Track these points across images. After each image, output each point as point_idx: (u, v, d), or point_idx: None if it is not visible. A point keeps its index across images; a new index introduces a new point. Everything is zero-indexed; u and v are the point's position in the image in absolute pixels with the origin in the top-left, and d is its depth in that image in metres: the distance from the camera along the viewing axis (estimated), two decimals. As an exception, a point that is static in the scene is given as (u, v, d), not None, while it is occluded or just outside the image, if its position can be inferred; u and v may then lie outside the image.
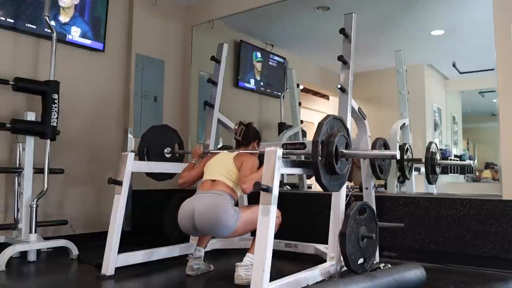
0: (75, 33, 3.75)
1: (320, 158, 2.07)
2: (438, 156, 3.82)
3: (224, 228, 2.37)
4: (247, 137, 2.77)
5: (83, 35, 3.82)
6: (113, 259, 2.60)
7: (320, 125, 2.12)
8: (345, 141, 2.25)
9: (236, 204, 2.54)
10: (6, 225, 3.14)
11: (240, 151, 2.67)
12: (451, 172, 4.52)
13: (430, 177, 3.72)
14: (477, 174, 4.68)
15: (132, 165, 2.74)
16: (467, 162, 4.68)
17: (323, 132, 2.11)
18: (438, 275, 2.65)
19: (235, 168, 2.55)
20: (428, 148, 3.70)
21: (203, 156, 2.92)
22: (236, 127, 2.82)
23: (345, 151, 2.21)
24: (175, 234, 3.36)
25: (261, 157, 2.55)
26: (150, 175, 3.17)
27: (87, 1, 3.85)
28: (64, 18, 3.69)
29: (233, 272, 2.34)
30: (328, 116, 2.21)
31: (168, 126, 3.42)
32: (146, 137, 3.18)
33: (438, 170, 3.84)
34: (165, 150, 3.24)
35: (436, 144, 3.90)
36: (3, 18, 3.29)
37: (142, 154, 3.13)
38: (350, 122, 2.59)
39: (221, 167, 2.59)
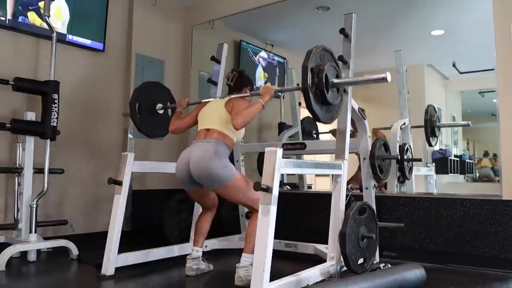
0: (75, 33, 3.76)
1: (310, 85, 2.04)
2: (437, 119, 3.87)
3: (216, 177, 2.39)
4: (239, 82, 2.75)
5: (83, 35, 3.82)
6: (113, 259, 2.60)
7: (309, 52, 2.10)
8: (335, 72, 2.24)
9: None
10: (6, 225, 3.14)
11: (231, 96, 2.67)
12: (451, 172, 4.52)
13: (430, 139, 3.76)
14: (476, 163, 4.70)
15: (132, 165, 2.74)
16: (466, 122, 4.70)
17: (313, 60, 2.09)
18: (438, 275, 2.65)
19: (226, 113, 2.55)
20: (426, 111, 3.74)
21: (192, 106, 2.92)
22: (228, 74, 2.81)
23: (335, 80, 2.21)
24: (175, 234, 3.36)
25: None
26: (143, 131, 3.12)
27: (87, 1, 3.85)
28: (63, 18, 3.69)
29: (233, 272, 2.34)
30: (317, 46, 2.20)
31: (160, 83, 3.36)
32: (138, 92, 3.11)
33: (437, 132, 3.88)
34: (157, 106, 3.18)
35: (434, 107, 3.94)
36: (3, 18, 3.29)
37: (134, 109, 3.05)
38: (349, 122, 2.59)
39: (214, 115, 2.61)
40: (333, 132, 4.59)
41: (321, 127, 5.07)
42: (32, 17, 3.46)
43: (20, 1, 3.37)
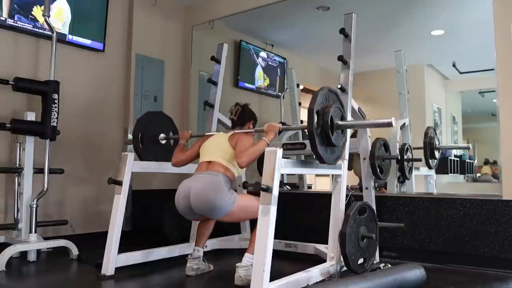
0: (75, 33, 3.76)
1: (316, 127, 2.06)
2: (436, 141, 3.84)
3: (218, 209, 2.37)
4: (243, 117, 2.75)
5: (83, 35, 3.82)
6: (113, 259, 2.60)
7: (315, 95, 2.11)
8: (340, 114, 2.25)
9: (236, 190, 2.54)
10: (6, 225, 3.14)
11: (235, 131, 2.66)
12: (451, 172, 4.52)
13: (430, 162, 3.73)
14: (477, 169, 4.69)
15: (132, 165, 2.74)
16: (466, 145, 4.68)
17: (319, 102, 2.10)
18: (438, 275, 2.65)
19: (230, 147, 2.54)
20: (426, 133, 3.72)
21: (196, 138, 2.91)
22: (232, 108, 2.80)
23: (340, 122, 2.22)
24: (175, 234, 3.36)
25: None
26: (145, 159, 3.11)
27: (87, 1, 3.85)
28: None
29: (233, 272, 2.34)
30: (323, 87, 2.21)
31: (163, 113, 3.38)
32: (141, 122, 3.13)
33: (437, 154, 3.85)
34: (160, 136, 3.19)
35: (434, 129, 3.91)
36: (3, 18, 3.29)
37: (136, 139, 3.07)
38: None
39: (217, 148, 2.59)
40: None
41: None
42: (31, 16, 3.45)
43: (16, 0, 3.37)
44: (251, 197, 2.49)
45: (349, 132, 2.56)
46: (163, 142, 3.21)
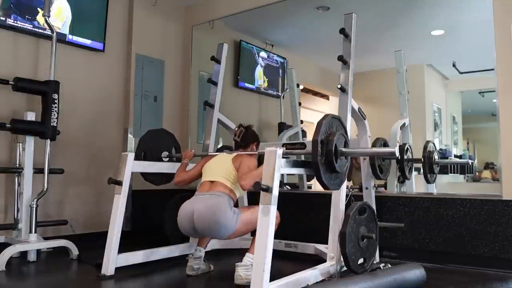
0: (75, 33, 3.76)
1: (320, 157, 2.08)
2: (436, 155, 3.82)
3: (223, 230, 2.38)
4: (246, 139, 2.79)
5: (83, 35, 3.82)
6: (113, 259, 2.60)
7: (319, 124, 2.14)
8: (344, 140, 2.27)
9: (236, 205, 2.55)
10: (6, 225, 3.14)
11: (239, 153, 2.68)
12: (451, 172, 4.51)
13: (429, 177, 3.71)
14: (477, 174, 4.67)
15: (132, 165, 2.74)
16: (465, 160, 4.67)
17: (323, 132, 2.13)
18: (438, 275, 2.65)
19: (233, 169, 2.55)
20: (425, 147, 3.70)
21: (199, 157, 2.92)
22: (235, 129, 2.84)
23: (344, 149, 2.24)
24: (175, 234, 3.35)
25: (260, 157, 2.57)
26: (148, 179, 3.16)
27: (87, 1, 3.85)
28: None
29: (233, 272, 2.34)
30: (326, 115, 2.23)
31: (165, 130, 3.41)
32: (143, 141, 3.17)
33: (436, 169, 3.83)
34: (163, 154, 3.23)
35: (433, 143, 3.89)
36: (3, 18, 3.29)
37: (139, 158, 3.09)
38: (350, 122, 2.59)
39: (220, 168, 2.60)
40: None
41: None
42: (27, 16, 3.45)
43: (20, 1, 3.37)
44: (252, 209, 2.47)
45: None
46: (166, 160, 3.24)
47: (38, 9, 3.47)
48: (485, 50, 3.09)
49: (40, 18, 3.45)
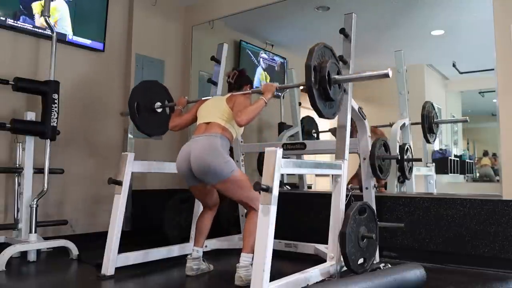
0: (75, 33, 3.76)
1: (314, 82, 2.10)
2: (435, 115, 3.86)
3: (213, 172, 2.40)
4: (240, 80, 2.77)
5: (83, 35, 3.82)
6: (113, 259, 2.60)
7: (311, 50, 2.16)
8: (337, 68, 2.29)
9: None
10: (6, 225, 3.14)
11: (233, 93, 2.68)
12: (451, 172, 4.51)
13: (428, 137, 3.75)
14: (476, 161, 4.70)
15: (132, 165, 2.74)
16: (464, 118, 4.70)
17: (315, 58, 2.14)
18: (438, 275, 2.65)
19: (228, 108, 2.57)
20: (424, 107, 3.73)
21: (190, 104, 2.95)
22: (229, 72, 2.83)
23: (337, 77, 2.27)
24: (175, 234, 3.36)
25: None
26: (143, 131, 3.14)
27: (87, 1, 3.85)
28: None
29: (233, 272, 2.34)
30: (318, 43, 2.24)
31: (158, 82, 3.37)
32: (136, 92, 3.12)
33: (435, 129, 3.87)
34: (156, 105, 3.19)
35: (432, 104, 3.93)
36: (3, 18, 3.29)
37: (133, 109, 3.06)
38: (349, 122, 2.59)
39: (214, 109, 2.62)
40: (332, 131, 4.59)
41: (321, 126, 5.08)
42: (32, 17, 3.45)
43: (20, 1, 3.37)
44: (246, 177, 2.55)
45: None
46: (159, 110, 3.20)
47: (32, 5, 3.46)
48: (485, 50, 3.09)
49: (37, 9, 3.43)
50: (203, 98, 2.88)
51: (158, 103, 3.19)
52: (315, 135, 5.00)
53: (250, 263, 2.33)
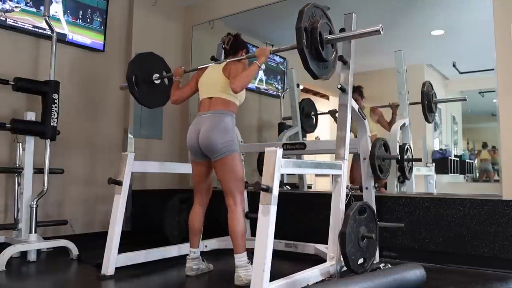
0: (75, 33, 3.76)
1: (305, 44, 2.08)
2: (434, 94, 3.88)
3: (219, 146, 2.45)
4: (235, 46, 2.75)
5: (83, 35, 3.82)
6: (113, 259, 2.60)
7: (301, 12, 2.13)
8: (328, 28, 2.27)
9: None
10: (6, 225, 3.14)
11: (227, 61, 2.67)
12: (451, 172, 4.52)
13: (428, 117, 3.77)
14: (476, 154, 4.71)
15: (132, 165, 2.74)
16: (463, 97, 4.72)
17: (305, 19, 2.12)
18: (438, 275, 2.65)
19: (225, 78, 2.57)
20: (424, 85, 3.79)
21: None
22: (224, 37, 2.81)
23: (329, 36, 2.25)
24: (175, 234, 3.36)
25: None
26: (142, 103, 3.14)
27: (87, 1, 3.85)
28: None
29: (233, 272, 2.35)
30: (307, 4, 2.22)
31: (154, 53, 3.32)
32: (133, 64, 3.10)
33: (434, 109, 3.92)
34: (154, 76, 3.17)
35: (431, 83, 3.97)
36: (3, 18, 3.29)
37: (131, 81, 3.03)
38: (349, 122, 2.59)
39: (214, 82, 2.62)
40: (331, 112, 4.57)
41: (320, 108, 5.06)
42: (32, 17, 3.45)
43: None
44: (242, 168, 2.59)
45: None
46: (158, 82, 3.19)
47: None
48: (485, 50, 3.09)
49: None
50: (199, 67, 2.88)
51: (156, 75, 3.19)
52: (313, 117, 4.96)
53: (247, 261, 2.33)
